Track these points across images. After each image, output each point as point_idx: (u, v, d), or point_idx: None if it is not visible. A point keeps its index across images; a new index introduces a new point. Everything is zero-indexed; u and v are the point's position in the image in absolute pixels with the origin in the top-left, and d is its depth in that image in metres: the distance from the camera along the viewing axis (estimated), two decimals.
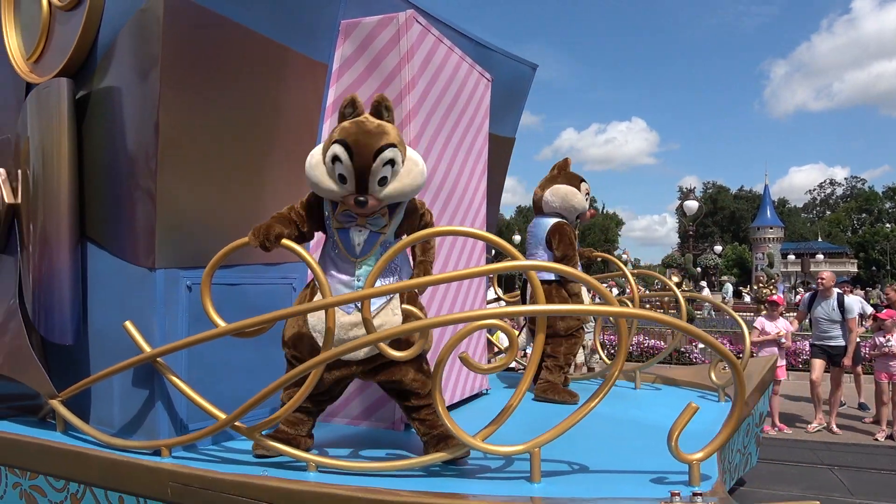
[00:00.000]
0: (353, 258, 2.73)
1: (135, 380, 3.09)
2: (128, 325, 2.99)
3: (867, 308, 9.70)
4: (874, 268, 63.31)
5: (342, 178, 2.62)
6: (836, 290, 7.79)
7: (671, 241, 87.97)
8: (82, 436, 3.17)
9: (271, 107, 3.45)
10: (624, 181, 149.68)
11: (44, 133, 3.29)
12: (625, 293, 12.34)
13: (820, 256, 53.29)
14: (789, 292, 31.56)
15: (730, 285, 27.58)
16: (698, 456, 2.49)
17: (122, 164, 3.12)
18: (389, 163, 2.61)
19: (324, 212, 2.82)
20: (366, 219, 2.71)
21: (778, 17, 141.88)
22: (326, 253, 2.84)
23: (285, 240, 2.67)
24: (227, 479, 2.53)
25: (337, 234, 2.77)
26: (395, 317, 2.71)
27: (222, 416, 2.79)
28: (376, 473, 2.63)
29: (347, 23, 3.66)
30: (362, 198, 2.60)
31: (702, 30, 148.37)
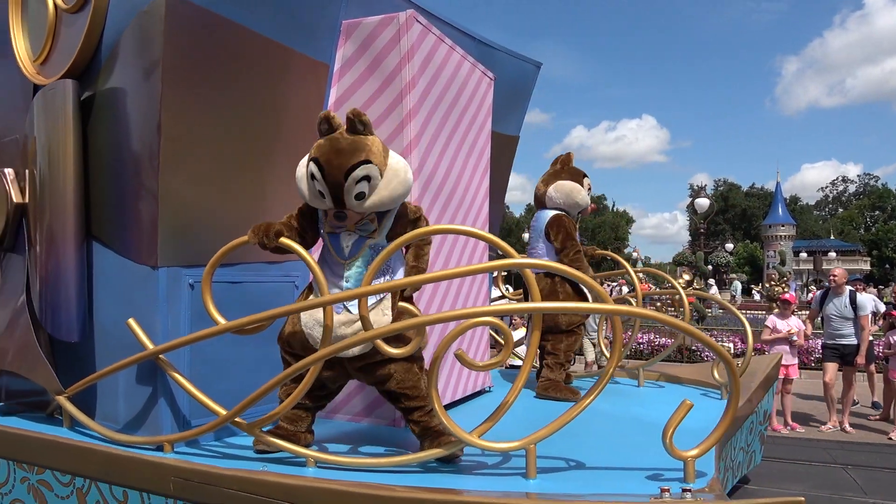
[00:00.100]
0: (341, 260, 2.80)
1: (139, 376, 3.14)
2: (131, 322, 3.04)
3: (880, 306, 9.57)
4: (888, 266, 62.66)
5: (321, 194, 2.72)
6: (848, 288, 7.64)
7: (682, 239, 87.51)
8: (88, 431, 3.22)
9: (273, 107, 3.48)
10: (634, 179, 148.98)
11: (50, 134, 3.34)
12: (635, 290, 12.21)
13: (832, 254, 52.69)
14: (801, 291, 31.28)
15: (739, 283, 27.33)
16: (693, 453, 2.50)
17: (125, 164, 3.16)
18: (364, 179, 2.65)
19: (317, 217, 2.90)
20: (355, 224, 2.78)
21: (789, 13, 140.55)
22: (321, 256, 2.92)
23: (284, 238, 2.73)
24: (226, 474, 2.57)
25: (328, 237, 2.86)
26: (384, 317, 2.75)
27: (223, 412, 2.84)
28: (373, 469, 2.67)
29: (349, 23, 3.69)
30: (342, 213, 2.70)
31: (713, 27, 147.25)
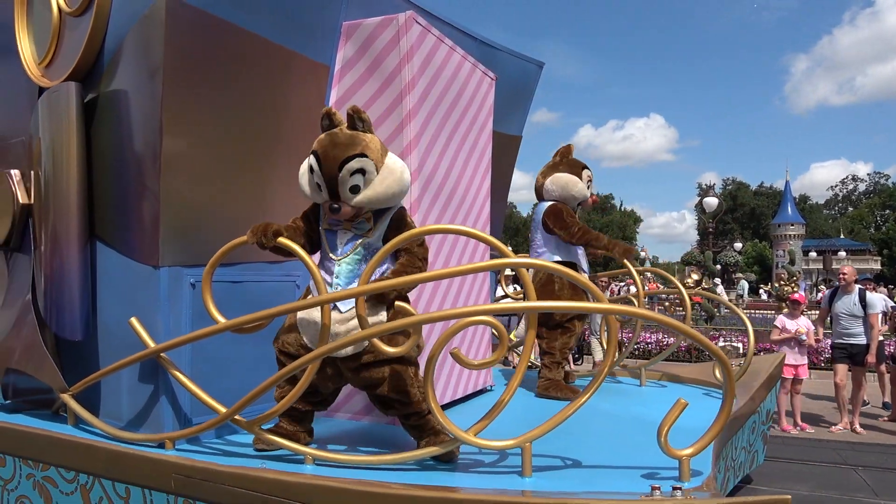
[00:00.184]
0: (335, 257, 2.84)
1: (141, 375, 3.18)
2: (133, 321, 3.08)
3: (890, 305, 9.48)
4: None
5: (318, 187, 2.79)
6: (857, 285, 7.54)
7: (690, 239, 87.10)
8: (92, 429, 3.27)
9: (274, 108, 3.52)
10: (642, 178, 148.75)
11: (54, 135, 3.38)
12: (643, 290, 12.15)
13: (842, 253, 52.22)
14: (811, 290, 31.04)
15: (745, 282, 27.10)
16: (688, 452, 2.51)
17: (127, 165, 3.20)
18: (359, 172, 2.71)
19: (319, 216, 2.95)
20: (351, 223, 2.82)
21: (798, 10, 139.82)
22: (319, 254, 2.96)
23: (282, 238, 2.76)
24: (226, 471, 2.61)
25: (325, 234, 2.91)
26: (378, 316, 2.76)
27: (223, 409, 2.87)
28: (370, 467, 2.69)
29: (349, 24, 3.72)
30: (336, 205, 2.75)
31: (721, 25, 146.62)
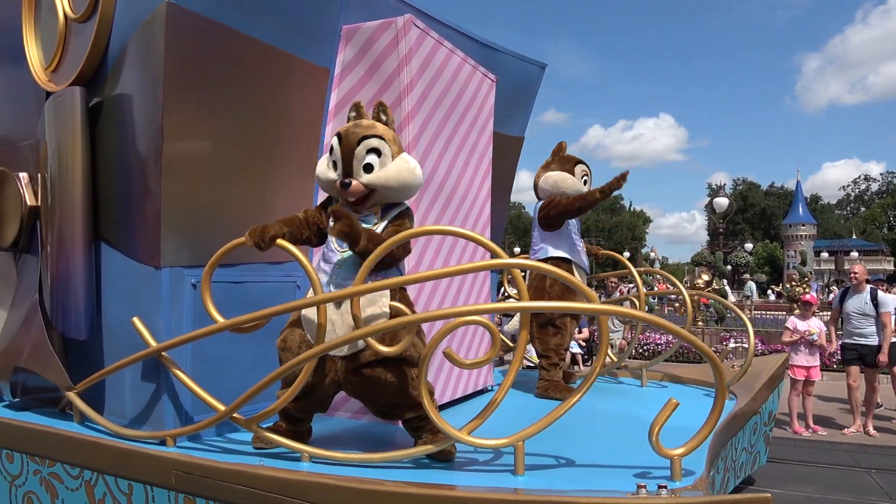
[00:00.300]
0: (339, 248, 2.88)
1: (144, 373, 3.24)
2: (135, 321, 3.14)
3: None
4: None
5: (335, 165, 2.89)
6: (868, 285, 7.42)
7: (700, 239, 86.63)
8: (97, 426, 3.33)
9: (274, 111, 3.57)
10: (651, 178, 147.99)
11: (59, 139, 3.45)
12: (653, 290, 12.14)
13: (854, 254, 51.69)
14: (822, 291, 30.76)
15: (752, 283, 26.81)
16: (679, 452, 2.53)
17: (130, 168, 3.26)
18: (374, 151, 2.82)
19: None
20: (358, 215, 2.85)
21: (810, 9, 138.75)
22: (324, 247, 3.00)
23: (280, 240, 2.80)
24: (224, 467, 2.66)
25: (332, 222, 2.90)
26: (380, 312, 2.78)
27: (222, 407, 2.92)
28: (366, 464, 2.73)
29: (348, 28, 3.77)
30: (347, 180, 2.82)
31: (732, 23, 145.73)
